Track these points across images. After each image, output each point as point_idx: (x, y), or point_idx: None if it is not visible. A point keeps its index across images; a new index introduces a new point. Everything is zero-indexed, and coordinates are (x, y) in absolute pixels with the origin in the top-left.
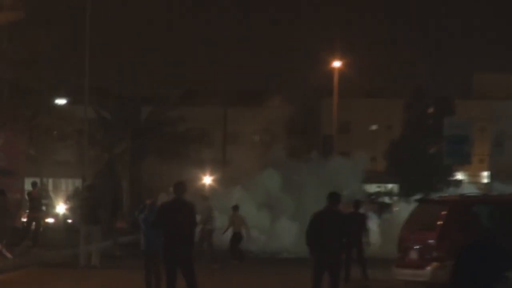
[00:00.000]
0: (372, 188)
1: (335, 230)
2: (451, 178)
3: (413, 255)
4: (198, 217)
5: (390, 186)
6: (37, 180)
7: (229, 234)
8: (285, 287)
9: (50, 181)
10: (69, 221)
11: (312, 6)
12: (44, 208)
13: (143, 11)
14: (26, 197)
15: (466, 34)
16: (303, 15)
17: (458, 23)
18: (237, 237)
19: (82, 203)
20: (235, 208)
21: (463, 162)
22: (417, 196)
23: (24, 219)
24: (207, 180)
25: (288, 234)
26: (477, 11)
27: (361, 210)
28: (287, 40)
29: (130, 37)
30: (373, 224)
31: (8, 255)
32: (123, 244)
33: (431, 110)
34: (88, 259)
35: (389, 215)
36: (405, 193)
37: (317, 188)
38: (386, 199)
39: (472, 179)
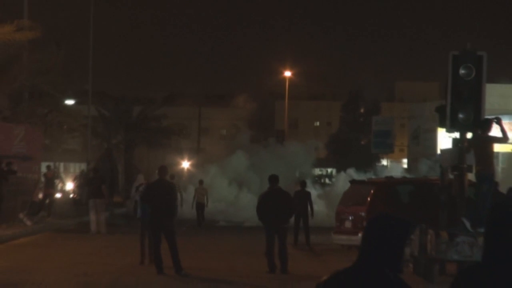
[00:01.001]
0: (316, 171)
1: (277, 204)
2: (378, 164)
3: (348, 224)
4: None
5: (329, 170)
6: (51, 164)
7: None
8: (244, 247)
9: (62, 164)
10: (71, 196)
11: (270, 21)
12: (57, 186)
13: (135, 30)
14: (42, 177)
15: (388, 45)
16: (263, 27)
17: (385, 36)
18: (200, 206)
19: (90, 181)
20: (201, 182)
21: (387, 151)
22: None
23: (40, 195)
24: (185, 164)
25: (251, 206)
26: (401, 28)
27: (307, 189)
28: (249, 51)
29: (125, 49)
30: (316, 196)
31: (28, 222)
32: (119, 215)
33: (362, 110)
34: (96, 226)
35: (329, 188)
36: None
37: (276, 168)
38: (327, 180)
39: (394, 165)
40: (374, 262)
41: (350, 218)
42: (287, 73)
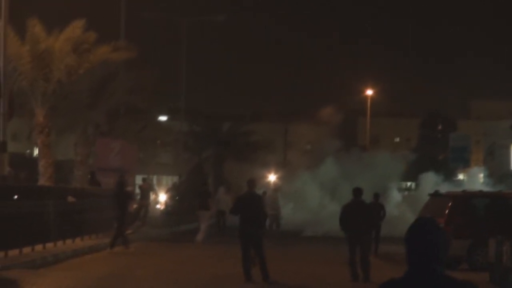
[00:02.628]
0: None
1: (360, 216)
2: (455, 178)
3: None
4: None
5: (409, 183)
6: (146, 176)
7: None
8: (328, 256)
9: (155, 177)
10: (157, 206)
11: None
12: (151, 197)
13: (222, 51)
14: (138, 189)
15: (463, 66)
16: (345, 51)
17: (460, 55)
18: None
19: (199, 194)
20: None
21: (464, 165)
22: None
23: (135, 206)
24: (272, 177)
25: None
26: (477, 49)
27: (380, 201)
28: (332, 71)
29: (216, 67)
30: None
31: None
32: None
33: (439, 127)
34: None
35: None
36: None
37: (365, 177)
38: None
39: (470, 179)
40: (427, 264)
41: None
42: (369, 92)
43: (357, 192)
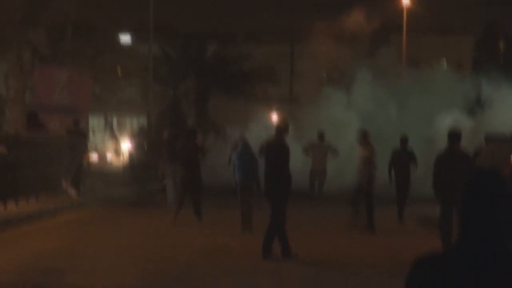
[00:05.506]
0: None
1: (458, 169)
2: None
3: None
4: None
5: None
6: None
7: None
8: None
9: (115, 119)
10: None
11: None
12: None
13: None
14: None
15: None
16: None
17: None
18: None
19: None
20: (321, 136)
21: None
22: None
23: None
24: (274, 118)
25: None
26: None
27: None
28: None
29: None
30: None
31: (73, 193)
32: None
33: (501, 47)
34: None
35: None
36: None
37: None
38: None
39: None
40: (486, 236)
41: None
42: (405, 1)
43: (455, 136)
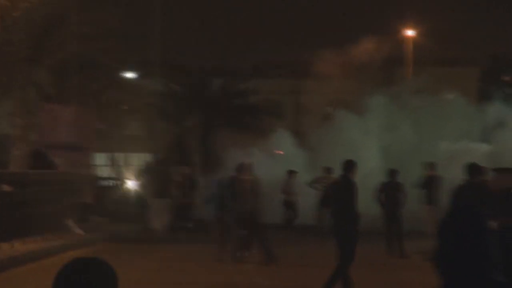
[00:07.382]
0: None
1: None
2: None
3: None
4: None
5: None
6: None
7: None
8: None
9: (123, 155)
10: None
11: None
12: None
13: None
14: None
15: None
16: None
17: None
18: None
19: (154, 178)
20: (328, 169)
21: None
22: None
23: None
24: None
25: None
26: None
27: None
28: (352, 10)
29: (196, 9)
30: None
31: (78, 231)
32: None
33: (506, 78)
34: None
35: None
36: None
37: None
38: None
39: None
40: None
41: None
42: (410, 32)
43: (475, 169)
